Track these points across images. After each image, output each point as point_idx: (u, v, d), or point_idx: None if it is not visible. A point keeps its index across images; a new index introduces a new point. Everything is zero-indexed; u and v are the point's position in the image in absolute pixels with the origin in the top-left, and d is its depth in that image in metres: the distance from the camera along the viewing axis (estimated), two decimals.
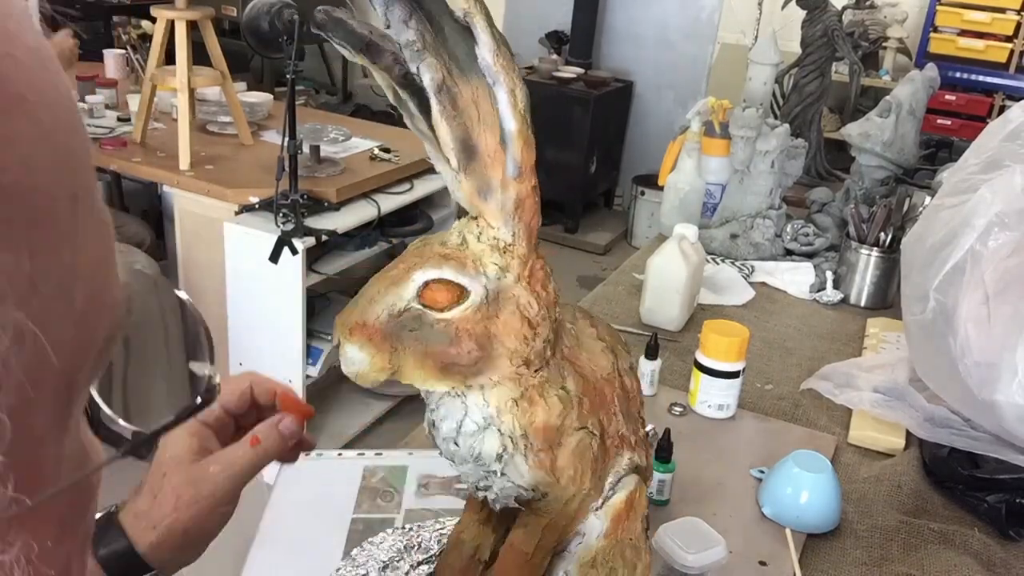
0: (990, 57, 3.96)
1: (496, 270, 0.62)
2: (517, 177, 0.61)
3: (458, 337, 0.61)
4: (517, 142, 0.60)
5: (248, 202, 2.28)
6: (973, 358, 1.04)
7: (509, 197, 0.61)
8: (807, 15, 2.17)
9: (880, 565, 0.97)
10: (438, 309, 0.61)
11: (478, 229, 0.63)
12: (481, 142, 0.60)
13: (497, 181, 0.61)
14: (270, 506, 1.03)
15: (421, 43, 0.57)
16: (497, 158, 0.60)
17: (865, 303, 1.64)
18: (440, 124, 0.59)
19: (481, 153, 0.60)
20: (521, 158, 0.60)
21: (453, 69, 0.59)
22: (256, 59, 4.39)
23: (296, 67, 2.15)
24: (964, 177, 1.13)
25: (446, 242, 0.64)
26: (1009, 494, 1.04)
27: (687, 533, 0.89)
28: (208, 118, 2.84)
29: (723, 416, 1.23)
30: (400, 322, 0.61)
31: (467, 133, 0.60)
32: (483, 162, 0.60)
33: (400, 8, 0.57)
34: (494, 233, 0.62)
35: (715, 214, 1.84)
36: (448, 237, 0.64)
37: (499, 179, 0.61)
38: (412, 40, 0.57)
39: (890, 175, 1.91)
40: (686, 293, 1.45)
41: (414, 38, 0.57)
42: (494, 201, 0.61)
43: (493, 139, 0.60)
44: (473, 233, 0.63)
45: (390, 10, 0.57)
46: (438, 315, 0.61)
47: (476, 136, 0.60)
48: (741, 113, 1.77)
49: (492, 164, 0.60)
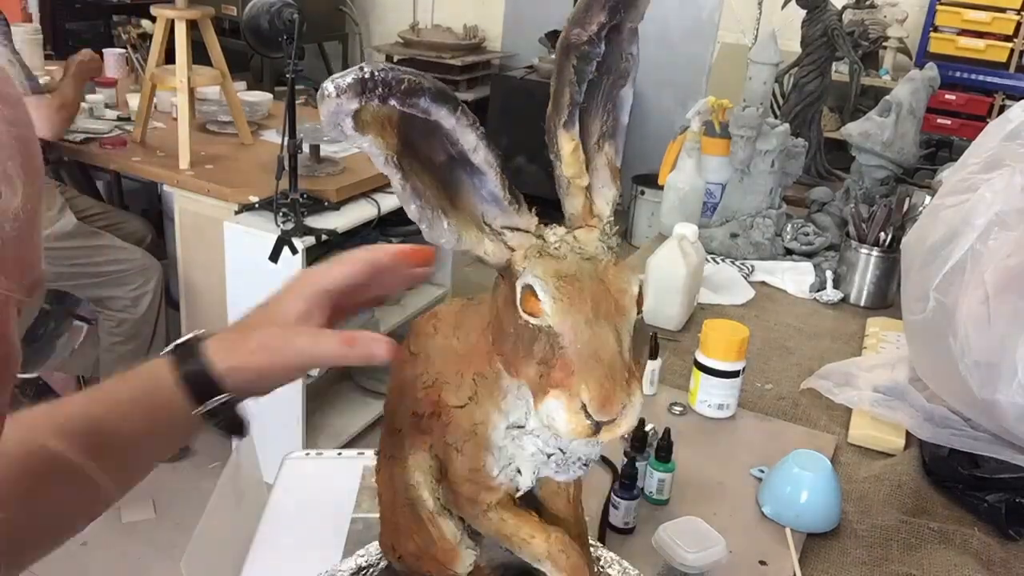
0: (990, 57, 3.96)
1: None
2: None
3: None
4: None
5: (248, 201, 2.28)
6: (973, 358, 1.04)
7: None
8: (807, 15, 2.17)
9: (880, 565, 0.97)
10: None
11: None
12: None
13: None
14: (270, 506, 1.03)
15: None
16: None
17: (865, 303, 1.64)
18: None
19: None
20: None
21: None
22: (256, 58, 4.39)
23: (296, 66, 2.15)
24: (964, 177, 1.13)
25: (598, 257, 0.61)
26: (1009, 494, 1.04)
27: (687, 533, 0.89)
28: (208, 117, 2.84)
29: (723, 416, 1.22)
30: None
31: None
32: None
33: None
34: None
35: (715, 213, 1.84)
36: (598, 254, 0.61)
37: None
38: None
39: (890, 174, 1.91)
40: (686, 292, 1.45)
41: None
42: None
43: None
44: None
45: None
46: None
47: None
48: (741, 113, 1.77)
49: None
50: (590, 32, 0.59)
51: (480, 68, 4.72)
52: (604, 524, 1.00)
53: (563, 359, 0.55)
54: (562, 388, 0.55)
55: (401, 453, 0.71)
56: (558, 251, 0.59)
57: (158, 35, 2.43)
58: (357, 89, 0.50)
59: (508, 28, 4.89)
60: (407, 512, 0.71)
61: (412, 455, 0.70)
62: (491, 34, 4.92)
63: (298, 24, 2.13)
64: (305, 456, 1.14)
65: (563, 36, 0.59)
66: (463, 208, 0.58)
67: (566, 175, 0.61)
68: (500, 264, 0.59)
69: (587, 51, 0.60)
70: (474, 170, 0.56)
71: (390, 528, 0.75)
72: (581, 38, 0.59)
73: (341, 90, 0.50)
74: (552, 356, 0.56)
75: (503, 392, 0.64)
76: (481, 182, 0.57)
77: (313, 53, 4.98)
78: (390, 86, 0.51)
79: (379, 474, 0.77)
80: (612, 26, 0.60)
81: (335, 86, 0.50)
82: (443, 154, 0.56)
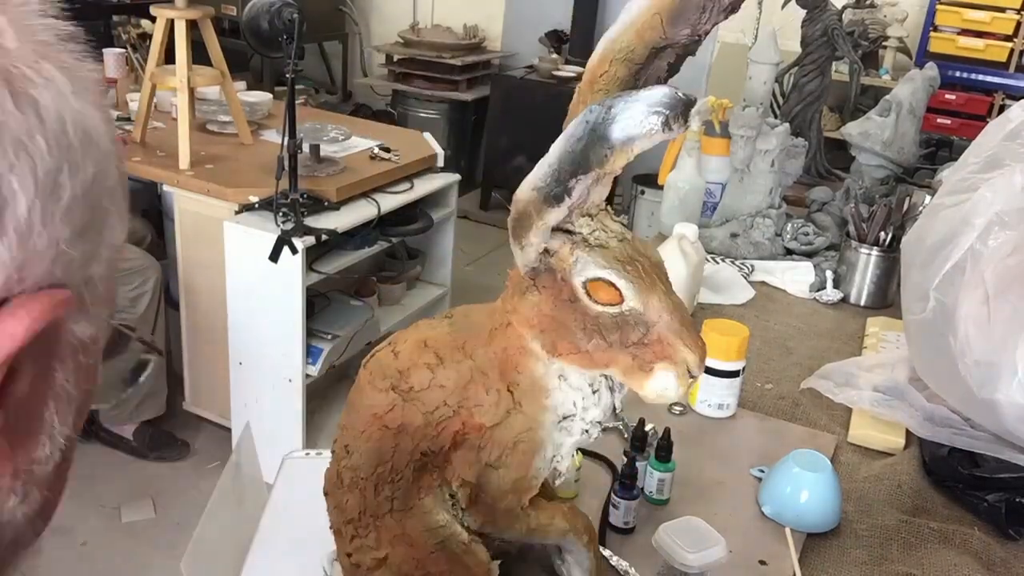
0: (990, 56, 3.96)
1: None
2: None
3: None
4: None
5: (248, 201, 2.28)
6: (973, 357, 1.04)
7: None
8: (807, 14, 2.17)
9: (880, 564, 0.97)
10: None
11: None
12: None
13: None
14: (270, 506, 1.03)
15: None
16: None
17: (865, 302, 1.64)
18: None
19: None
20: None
21: None
22: (256, 58, 4.39)
23: (296, 66, 2.15)
24: (964, 176, 1.13)
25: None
26: (1009, 493, 1.04)
27: (687, 532, 0.89)
28: (208, 117, 2.84)
29: (723, 415, 1.23)
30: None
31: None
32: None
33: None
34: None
35: (715, 213, 1.84)
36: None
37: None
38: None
39: (890, 174, 1.92)
40: (686, 292, 1.45)
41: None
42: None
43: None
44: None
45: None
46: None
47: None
48: (741, 112, 1.77)
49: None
50: (701, 31, 0.60)
51: (480, 68, 4.72)
52: (604, 524, 1.00)
53: (659, 334, 0.58)
54: (668, 360, 0.58)
55: (407, 503, 0.68)
56: (599, 240, 0.59)
57: (158, 35, 2.43)
58: (685, 118, 0.53)
59: (508, 28, 4.88)
60: (439, 557, 0.68)
61: (425, 498, 0.68)
62: (491, 34, 4.92)
63: (298, 24, 2.13)
64: (305, 456, 1.14)
65: (657, 35, 0.60)
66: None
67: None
68: (539, 267, 0.60)
69: (692, 49, 0.62)
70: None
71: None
72: (691, 37, 0.60)
73: (673, 121, 0.52)
74: (644, 335, 0.58)
75: (547, 391, 0.64)
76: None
77: (313, 53, 4.98)
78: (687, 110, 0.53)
79: (367, 540, 0.70)
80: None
81: (663, 119, 0.51)
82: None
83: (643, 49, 0.60)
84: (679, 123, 0.51)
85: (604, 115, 0.51)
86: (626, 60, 0.60)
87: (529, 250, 0.58)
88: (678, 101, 0.50)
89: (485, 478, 0.66)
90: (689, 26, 0.59)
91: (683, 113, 0.50)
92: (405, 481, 0.67)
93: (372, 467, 0.69)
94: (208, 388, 2.61)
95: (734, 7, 0.59)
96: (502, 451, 0.65)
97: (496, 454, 0.65)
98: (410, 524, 0.68)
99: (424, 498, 0.68)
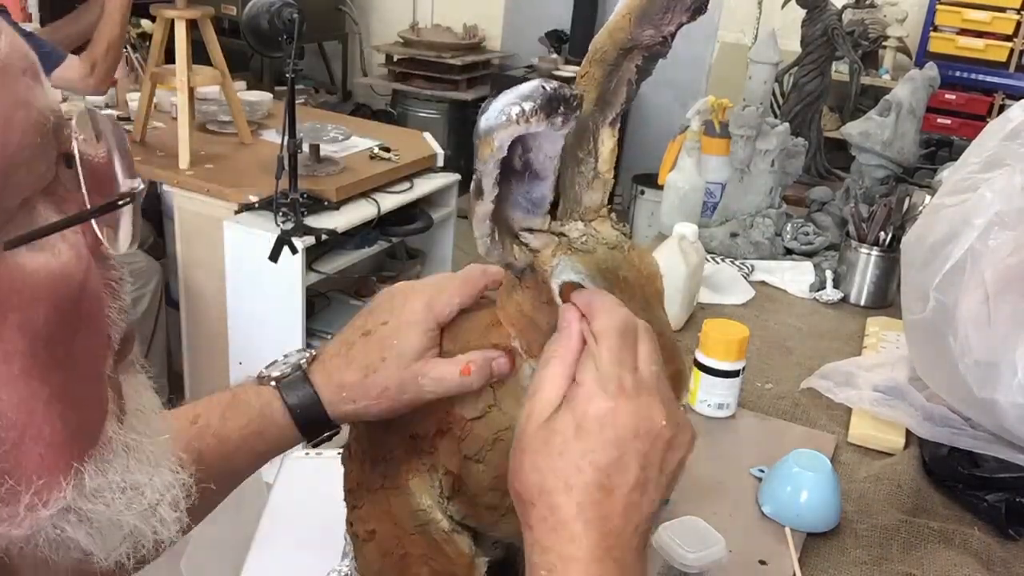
0: (990, 56, 3.95)
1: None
2: None
3: None
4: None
5: (248, 201, 2.28)
6: (973, 357, 1.04)
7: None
8: (807, 14, 2.17)
9: (880, 564, 0.97)
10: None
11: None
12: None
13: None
14: (270, 506, 1.03)
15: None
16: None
17: (865, 302, 1.64)
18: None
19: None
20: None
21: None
22: (256, 58, 4.39)
23: (296, 66, 2.15)
24: (964, 176, 1.13)
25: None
26: (1009, 493, 1.04)
27: (687, 532, 0.89)
28: (208, 117, 2.84)
29: (723, 415, 1.22)
30: None
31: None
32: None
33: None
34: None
35: (715, 213, 1.84)
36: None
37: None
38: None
39: (890, 174, 1.91)
40: (686, 292, 1.45)
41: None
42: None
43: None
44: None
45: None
46: None
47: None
48: (741, 112, 1.77)
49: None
50: (666, 32, 0.59)
51: (480, 68, 4.72)
52: None
53: None
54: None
55: (395, 481, 0.69)
56: (585, 245, 0.59)
57: (158, 35, 2.43)
58: (547, 111, 0.49)
59: (508, 28, 4.89)
60: (418, 540, 0.68)
61: (412, 480, 0.68)
62: (491, 34, 4.92)
63: (298, 24, 2.13)
64: (305, 456, 1.14)
65: (625, 36, 0.58)
66: (496, 215, 0.58)
67: (601, 171, 0.61)
68: (522, 267, 0.59)
69: (659, 51, 0.60)
70: (532, 176, 0.56)
71: (394, 563, 0.71)
72: (656, 39, 0.59)
73: (530, 113, 0.49)
74: None
75: (524, 390, 0.64)
76: (532, 187, 0.56)
77: (313, 53, 4.98)
78: (572, 105, 0.50)
79: (361, 511, 0.73)
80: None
81: (519, 110, 0.49)
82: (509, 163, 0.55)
83: (613, 50, 0.59)
84: (539, 116, 0.49)
85: (483, 108, 0.50)
86: (601, 61, 0.60)
87: (479, 242, 0.57)
88: (541, 94, 0.49)
89: (467, 471, 0.66)
90: (653, 26, 0.58)
91: (545, 106, 0.49)
92: (394, 460, 0.69)
93: (362, 444, 0.73)
94: (208, 388, 2.59)
95: (699, 9, 0.58)
96: (481, 446, 0.65)
97: (475, 448, 0.65)
98: (396, 502, 0.69)
99: (412, 479, 0.69)
